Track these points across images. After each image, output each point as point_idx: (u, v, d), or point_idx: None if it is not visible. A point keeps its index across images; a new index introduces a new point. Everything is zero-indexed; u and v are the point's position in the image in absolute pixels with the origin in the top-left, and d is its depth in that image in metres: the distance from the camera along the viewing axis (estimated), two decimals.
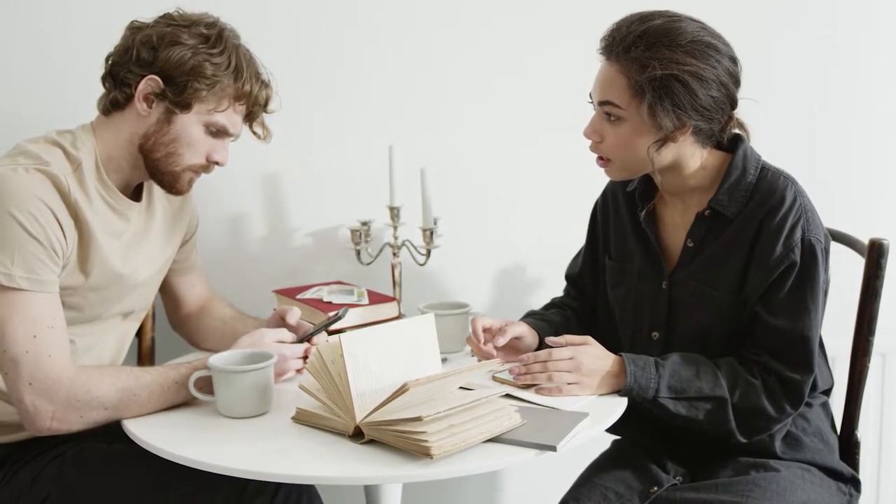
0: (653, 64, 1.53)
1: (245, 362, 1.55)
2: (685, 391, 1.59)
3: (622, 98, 1.58)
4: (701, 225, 1.67)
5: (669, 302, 1.70)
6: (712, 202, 1.65)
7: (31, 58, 2.01)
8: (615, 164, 1.66)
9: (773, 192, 1.61)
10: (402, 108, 2.25)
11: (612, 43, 1.59)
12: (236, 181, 2.13)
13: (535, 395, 1.60)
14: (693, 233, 1.68)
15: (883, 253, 1.70)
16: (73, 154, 1.60)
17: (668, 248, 1.74)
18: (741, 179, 1.64)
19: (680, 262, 1.70)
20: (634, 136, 1.60)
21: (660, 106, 1.55)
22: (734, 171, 1.64)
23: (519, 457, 1.38)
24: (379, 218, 2.20)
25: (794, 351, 1.59)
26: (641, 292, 1.75)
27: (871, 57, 2.38)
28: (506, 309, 2.34)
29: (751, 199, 1.63)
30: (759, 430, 1.61)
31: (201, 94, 1.62)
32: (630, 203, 1.80)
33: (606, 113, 1.61)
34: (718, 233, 1.66)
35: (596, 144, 1.66)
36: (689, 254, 1.69)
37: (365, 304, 2.00)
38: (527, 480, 2.47)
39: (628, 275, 1.78)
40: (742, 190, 1.63)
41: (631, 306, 1.77)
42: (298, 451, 1.41)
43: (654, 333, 1.72)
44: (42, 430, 1.50)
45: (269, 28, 2.11)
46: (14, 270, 1.49)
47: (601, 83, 1.62)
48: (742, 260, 1.62)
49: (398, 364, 1.48)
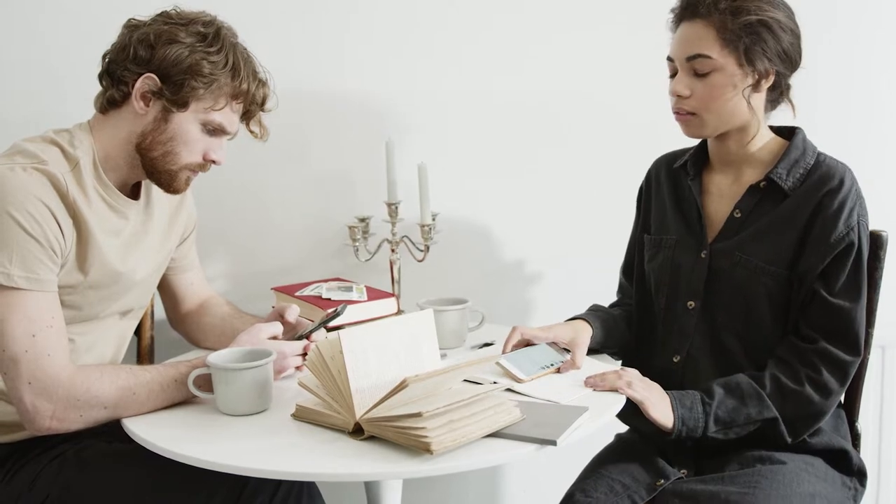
0: (746, 8, 1.63)
1: (244, 360, 1.55)
2: (734, 421, 1.62)
3: (713, 49, 1.65)
4: (752, 196, 1.72)
5: (709, 271, 1.73)
6: (771, 173, 1.69)
7: (28, 56, 2.01)
8: (700, 118, 1.70)
9: (833, 174, 1.66)
10: (400, 103, 2.25)
11: (694, 3, 1.67)
12: (234, 178, 2.13)
13: (534, 389, 1.60)
14: (742, 203, 1.72)
15: (882, 244, 1.71)
16: (70, 153, 1.60)
17: (710, 217, 1.78)
18: (801, 158, 1.70)
19: (722, 233, 1.74)
20: (727, 85, 1.66)
21: (755, 49, 1.63)
22: (795, 150, 1.70)
23: (519, 451, 1.38)
24: (377, 214, 2.20)
25: (848, 331, 1.64)
26: (678, 262, 1.79)
27: (871, 46, 2.38)
28: (504, 305, 2.34)
29: (808, 178, 1.68)
30: (810, 427, 1.65)
31: (198, 93, 1.62)
32: (673, 178, 1.86)
33: (694, 69, 1.67)
34: (770, 206, 1.70)
35: (682, 100, 1.70)
36: (733, 224, 1.73)
37: (364, 300, 2.00)
38: (527, 475, 2.48)
39: (665, 246, 1.82)
40: (801, 167, 1.69)
41: (668, 276, 1.80)
42: (298, 448, 1.41)
43: (691, 303, 1.75)
44: (42, 429, 1.50)
45: (267, 26, 2.11)
46: (13, 270, 1.49)
47: (686, 41, 1.68)
48: (796, 236, 1.66)
49: (397, 360, 1.48)
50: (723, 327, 1.73)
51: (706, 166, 1.83)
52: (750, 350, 1.71)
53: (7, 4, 2.01)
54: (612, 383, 1.61)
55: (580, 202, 1.96)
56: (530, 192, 2.32)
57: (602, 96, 2.27)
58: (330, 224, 2.26)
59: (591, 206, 2.28)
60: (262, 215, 2.22)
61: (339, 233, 2.25)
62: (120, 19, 1.67)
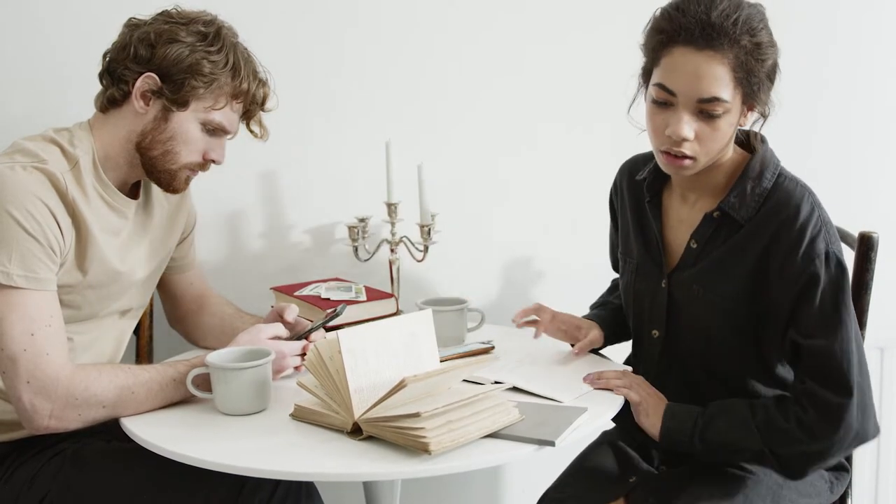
0: (764, 47, 1.50)
1: (243, 359, 1.55)
2: (722, 444, 1.55)
3: (728, 90, 1.49)
4: (707, 226, 1.61)
5: (669, 301, 1.66)
6: (723, 203, 1.58)
7: (28, 55, 2.01)
8: (699, 162, 1.55)
9: (789, 201, 1.54)
10: (400, 103, 2.25)
11: (710, 29, 1.47)
12: (234, 178, 2.13)
13: (533, 386, 1.61)
14: (698, 233, 1.62)
15: (872, 246, 1.70)
16: (70, 152, 1.60)
17: (670, 245, 1.69)
18: (756, 183, 1.57)
19: (681, 263, 1.65)
20: (732, 126, 1.54)
21: (764, 89, 1.53)
22: (750, 174, 1.58)
23: (518, 452, 1.38)
24: (376, 214, 2.20)
25: (831, 372, 1.49)
26: (640, 289, 1.72)
27: (867, 50, 2.38)
28: (503, 305, 2.34)
29: (763, 206, 1.56)
30: (807, 467, 1.53)
31: (199, 92, 1.62)
32: (635, 193, 1.75)
33: (705, 111, 1.50)
34: (726, 237, 1.59)
35: (683, 143, 1.53)
36: (691, 255, 1.63)
37: (363, 300, 2.00)
38: (526, 475, 2.47)
39: (628, 269, 1.75)
40: (756, 195, 1.57)
41: (631, 301, 1.75)
42: (297, 448, 1.41)
43: (655, 332, 1.69)
44: (40, 428, 1.50)
45: (267, 25, 2.11)
46: (12, 269, 1.48)
47: (700, 77, 1.49)
48: (751, 270, 1.56)
49: (396, 360, 1.48)
50: (688, 356, 1.67)
51: (666, 186, 1.71)
52: (718, 380, 1.65)
53: (8, 3, 2.01)
54: (610, 383, 1.61)
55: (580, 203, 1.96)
56: (530, 192, 2.32)
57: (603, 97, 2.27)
58: (329, 224, 2.26)
59: (591, 207, 2.27)
60: (262, 215, 2.22)
61: (339, 233, 2.25)
62: (121, 18, 1.67)
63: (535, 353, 1.81)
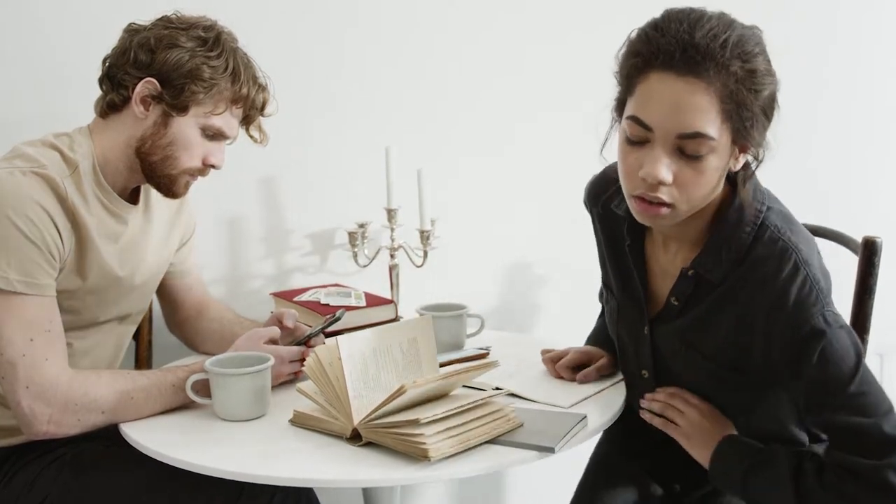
0: (760, 75, 1.28)
1: (242, 365, 1.54)
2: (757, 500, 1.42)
3: (714, 126, 1.27)
4: (685, 284, 1.43)
5: (653, 348, 1.52)
6: (695, 262, 1.40)
7: (27, 60, 2.01)
8: (678, 210, 1.33)
9: (767, 260, 1.34)
10: (399, 109, 2.25)
11: (694, 53, 1.25)
12: (233, 183, 2.13)
13: (532, 392, 1.60)
14: (677, 290, 1.44)
15: (876, 251, 1.69)
16: (70, 157, 1.60)
17: (653, 294, 1.52)
18: (733, 236, 1.37)
19: (662, 316, 1.49)
20: (719, 169, 1.32)
21: (758, 126, 1.29)
22: (725, 226, 1.37)
23: (517, 459, 1.37)
24: (376, 220, 2.20)
25: (861, 439, 1.30)
26: (622, 333, 1.58)
27: (867, 50, 2.39)
28: (503, 311, 2.34)
29: (743, 262, 1.36)
30: None
31: (198, 97, 1.62)
32: (610, 228, 1.57)
33: (684, 149, 1.28)
34: (705, 293, 1.41)
35: (659, 188, 1.31)
36: (672, 310, 1.47)
37: (362, 306, 2.00)
38: (525, 482, 2.47)
39: (609, 303, 1.62)
40: (732, 250, 1.37)
41: (615, 338, 1.63)
42: (296, 454, 1.41)
43: (644, 372, 1.57)
44: (39, 433, 1.50)
45: (267, 31, 2.11)
46: (11, 274, 1.48)
47: (680, 109, 1.26)
48: (732, 329, 1.39)
49: (395, 366, 1.48)
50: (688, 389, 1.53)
51: (647, 229, 1.51)
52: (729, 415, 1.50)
53: (8, 7, 2.01)
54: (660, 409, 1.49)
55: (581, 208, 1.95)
56: (530, 198, 2.32)
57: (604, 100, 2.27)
58: (329, 229, 2.26)
59: None
60: (261, 220, 2.22)
61: (339, 238, 2.25)
62: (120, 24, 1.67)
63: (534, 359, 1.80)
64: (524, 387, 1.64)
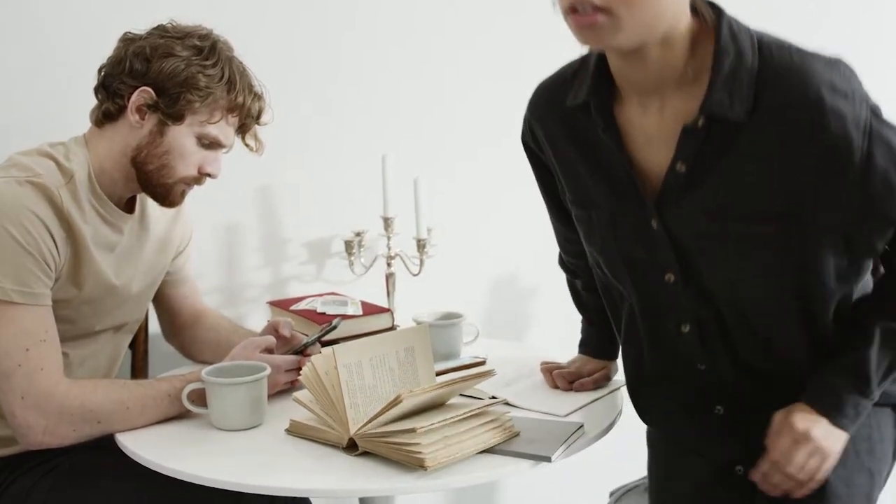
0: None
1: (238, 374, 1.54)
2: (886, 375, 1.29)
3: None
4: (692, 141, 1.23)
5: (672, 243, 1.30)
6: (707, 105, 1.19)
7: (23, 69, 2.01)
8: (621, 19, 1.14)
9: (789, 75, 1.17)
10: (396, 118, 2.25)
11: None
12: (229, 192, 2.13)
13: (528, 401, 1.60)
14: (682, 153, 1.24)
15: None
16: (65, 166, 1.60)
17: (644, 175, 1.30)
18: (738, 64, 1.19)
19: (666, 193, 1.28)
20: None
21: None
22: (724, 55, 1.19)
23: (513, 468, 1.37)
24: (372, 228, 2.20)
25: None
26: (624, 247, 1.36)
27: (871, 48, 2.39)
28: (500, 319, 2.34)
29: (761, 90, 1.18)
30: None
31: (194, 106, 1.62)
32: (569, 125, 1.37)
33: None
34: (725, 146, 1.22)
35: None
36: (678, 181, 1.26)
37: (359, 314, 2.00)
38: (523, 491, 2.47)
39: (597, 224, 1.38)
40: (744, 76, 1.18)
41: (619, 261, 1.38)
42: (292, 464, 1.40)
43: (669, 276, 1.33)
44: (34, 444, 1.50)
45: (263, 40, 2.11)
46: (6, 283, 1.48)
47: None
48: (771, 175, 1.20)
49: (392, 375, 1.48)
50: (722, 302, 1.32)
51: (615, 101, 1.30)
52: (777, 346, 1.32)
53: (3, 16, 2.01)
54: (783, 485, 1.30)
55: None
56: (526, 206, 2.32)
57: None
58: (325, 238, 2.26)
59: None
60: (258, 229, 2.22)
61: (335, 247, 2.25)
62: (116, 33, 1.67)
63: (531, 368, 1.80)
64: (521, 396, 1.64)
